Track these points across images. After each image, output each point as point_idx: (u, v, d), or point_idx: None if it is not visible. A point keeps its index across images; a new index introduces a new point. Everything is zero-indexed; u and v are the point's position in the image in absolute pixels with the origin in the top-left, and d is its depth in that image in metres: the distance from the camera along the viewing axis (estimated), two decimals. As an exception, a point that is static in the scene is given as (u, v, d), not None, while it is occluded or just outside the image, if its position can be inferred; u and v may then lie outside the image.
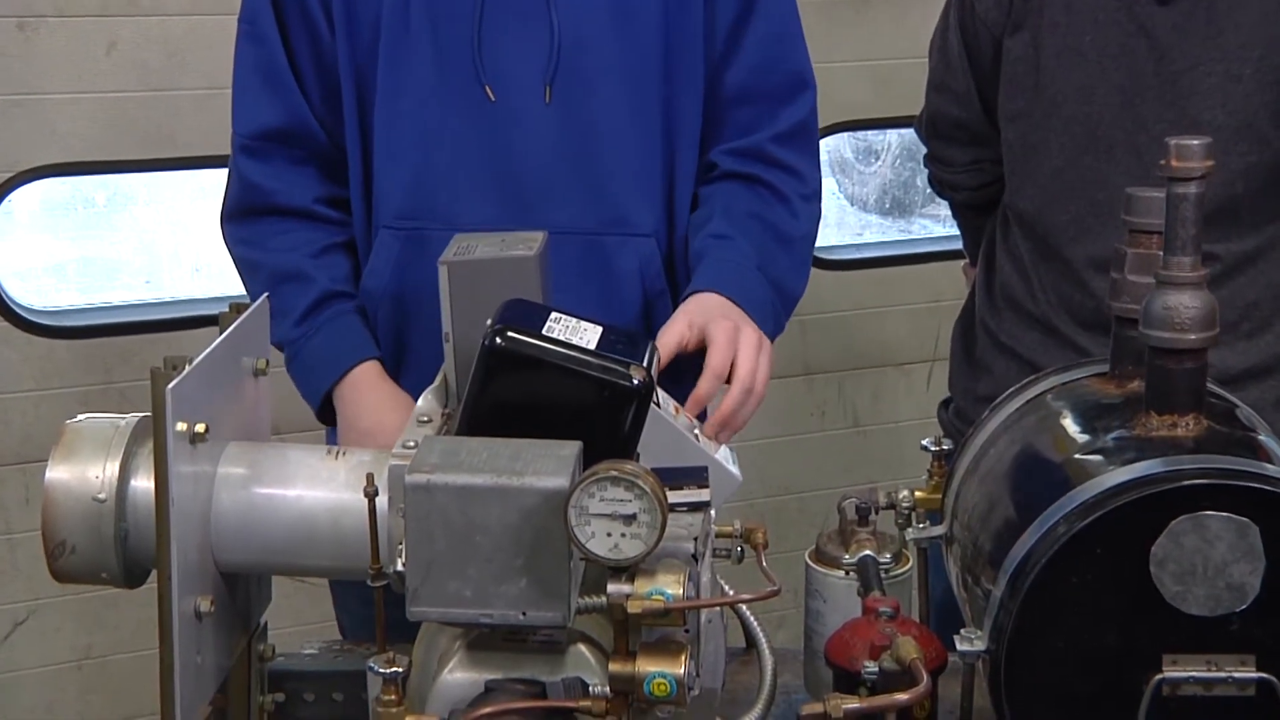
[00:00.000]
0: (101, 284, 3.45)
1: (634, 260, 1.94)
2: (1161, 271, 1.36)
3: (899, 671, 1.36)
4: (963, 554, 1.52)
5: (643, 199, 1.94)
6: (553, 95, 1.88)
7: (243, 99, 1.99)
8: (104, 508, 1.41)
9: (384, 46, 1.90)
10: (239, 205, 2.01)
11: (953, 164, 2.31)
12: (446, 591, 1.28)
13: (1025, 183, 2.12)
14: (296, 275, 1.95)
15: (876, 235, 4.05)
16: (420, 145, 1.90)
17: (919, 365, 3.69)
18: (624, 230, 1.93)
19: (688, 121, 1.97)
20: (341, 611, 2.15)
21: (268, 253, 1.98)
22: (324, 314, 1.95)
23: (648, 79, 1.92)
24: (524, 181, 1.90)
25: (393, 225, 1.92)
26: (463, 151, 1.90)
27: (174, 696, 1.34)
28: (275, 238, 1.97)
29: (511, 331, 1.42)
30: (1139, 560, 1.28)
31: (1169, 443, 1.35)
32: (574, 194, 1.91)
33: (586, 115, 1.90)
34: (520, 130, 1.89)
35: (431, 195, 1.91)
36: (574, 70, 1.89)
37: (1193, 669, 1.29)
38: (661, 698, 1.28)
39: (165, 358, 1.35)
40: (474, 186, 1.90)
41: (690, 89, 1.96)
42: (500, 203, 1.90)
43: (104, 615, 3.13)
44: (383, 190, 1.93)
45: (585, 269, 1.91)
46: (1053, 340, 2.10)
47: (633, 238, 1.94)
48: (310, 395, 1.96)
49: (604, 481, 1.25)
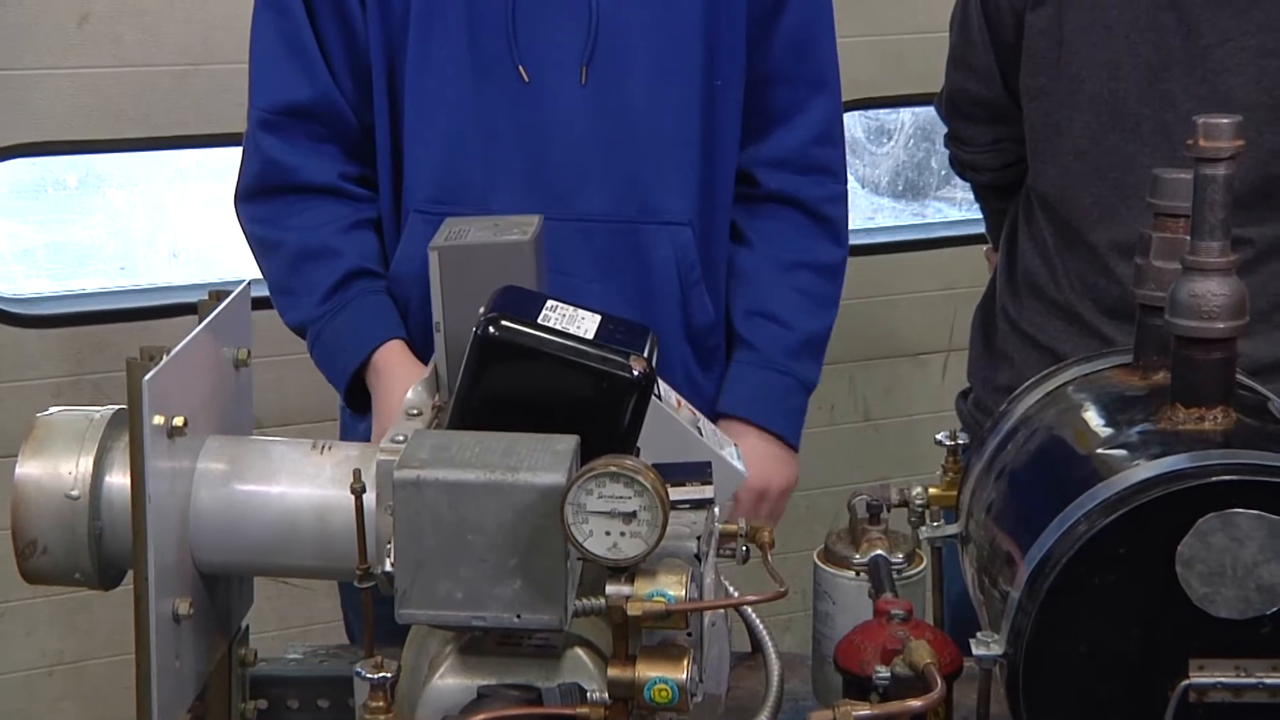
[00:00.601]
0: (73, 270, 3.44)
1: (669, 249, 1.95)
2: (1188, 257, 1.36)
3: (912, 677, 1.36)
4: (979, 554, 1.52)
5: (679, 185, 1.96)
6: (589, 77, 1.88)
7: (263, 71, 1.97)
8: (77, 505, 1.41)
9: (414, 22, 1.90)
10: (258, 184, 1.99)
11: (973, 144, 2.31)
12: (437, 593, 1.28)
13: (1048, 164, 2.12)
14: (321, 252, 1.93)
15: (889, 219, 4.05)
16: (451, 126, 1.91)
17: (934, 356, 3.69)
18: (660, 218, 1.95)
19: (728, 105, 1.99)
20: (349, 608, 2.15)
21: (289, 230, 1.96)
22: (351, 291, 1.93)
23: (688, 61, 1.94)
24: (557, 166, 1.91)
25: (424, 209, 1.93)
26: (494, 134, 1.90)
27: (151, 704, 1.35)
28: (298, 215, 1.96)
29: (505, 320, 1.42)
30: (1164, 560, 1.28)
31: (1196, 437, 1.35)
32: (609, 180, 1.92)
33: (623, 98, 1.91)
34: (554, 113, 1.90)
35: (463, 178, 1.91)
36: (612, 51, 1.89)
37: (1221, 674, 1.29)
38: (663, 704, 1.28)
39: (141, 347, 1.35)
40: (505, 170, 1.91)
41: (732, 70, 1.98)
42: (532, 187, 1.91)
43: (77, 618, 3.13)
44: (413, 173, 1.94)
45: (619, 258, 1.92)
46: (1076, 329, 2.10)
47: (668, 226, 1.95)
48: (336, 377, 1.92)
49: (602, 478, 1.25)
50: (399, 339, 1.89)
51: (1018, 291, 2.20)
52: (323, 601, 3.18)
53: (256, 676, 1.61)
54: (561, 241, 1.88)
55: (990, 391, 2.20)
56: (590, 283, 1.86)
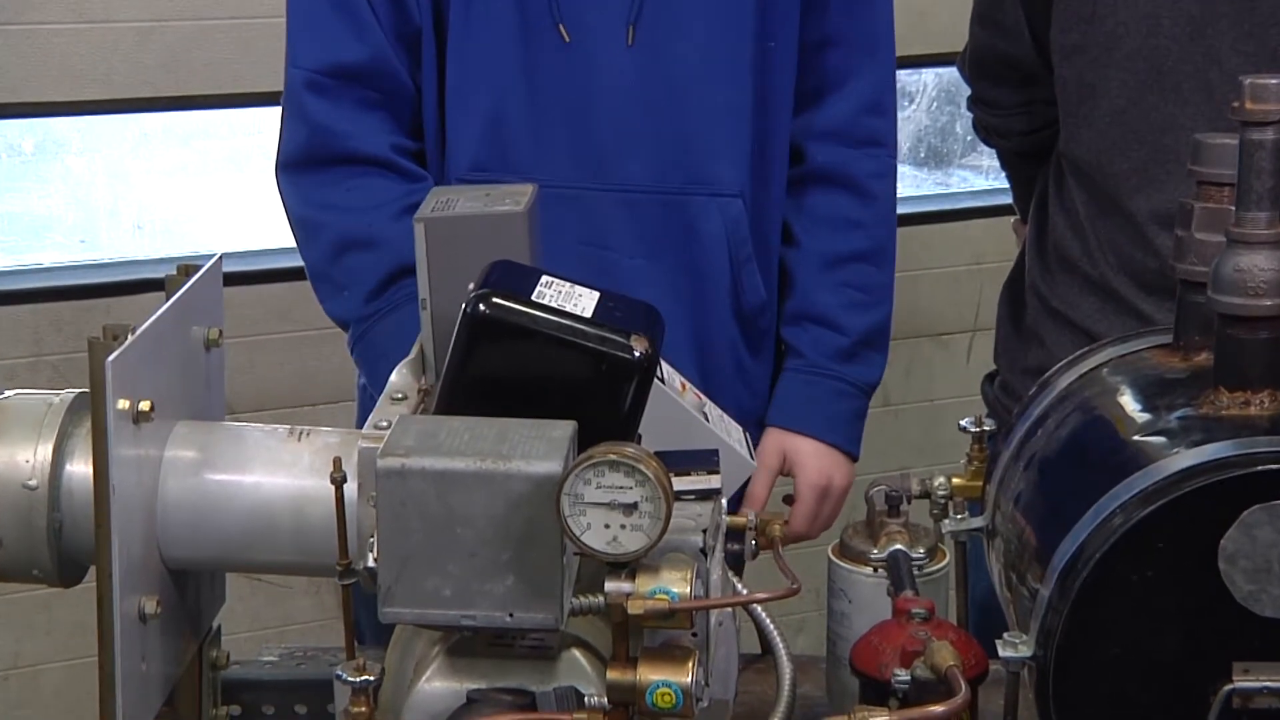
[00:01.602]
0: (30, 243, 3.45)
1: (719, 222, 1.96)
2: (1233, 229, 1.36)
3: (934, 681, 1.37)
4: (1006, 549, 1.52)
5: (730, 155, 1.97)
6: (635, 38, 1.88)
7: (308, 28, 1.95)
8: (35, 496, 1.42)
9: None
10: (304, 152, 1.97)
11: (1000, 107, 2.31)
12: (424, 590, 1.28)
13: (1082, 127, 2.12)
14: (369, 241, 1.92)
15: (910, 189, 4.05)
16: (492, 91, 1.91)
17: (958, 336, 3.69)
18: (709, 189, 1.95)
19: (782, 71, 2.00)
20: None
21: (335, 211, 1.94)
22: (400, 291, 1.91)
23: (740, 22, 1.95)
24: (601, 133, 1.92)
25: (467, 178, 1.93)
26: (536, 99, 1.91)
27: (115, 710, 1.35)
28: (347, 192, 1.94)
29: (497, 297, 1.42)
30: (1206, 556, 1.28)
31: (1241, 422, 1.35)
32: (656, 148, 1.93)
33: (671, 61, 1.92)
34: (597, 76, 1.90)
35: (504, 146, 1.92)
36: (660, 11, 1.90)
37: (1267, 678, 1.29)
38: (666, 710, 1.29)
39: (104, 326, 1.35)
40: (547, 137, 1.91)
41: (785, 33, 1.99)
42: (574, 156, 1.91)
43: (35, 619, 3.14)
44: (454, 140, 1.94)
45: (666, 231, 1.92)
46: (1111, 306, 2.10)
47: (718, 198, 1.96)
48: (380, 385, 1.90)
49: (601, 466, 1.25)
50: None
51: (1048, 266, 2.20)
52: (300, 600, 3.19)
53: (229, 680, 1.61)
54: (602, 213, 1.89)
55: (1019, 374, 2.20)
56: (633, 258, 1.87)
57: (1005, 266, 2.40)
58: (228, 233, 3.36)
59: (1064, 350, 1.71)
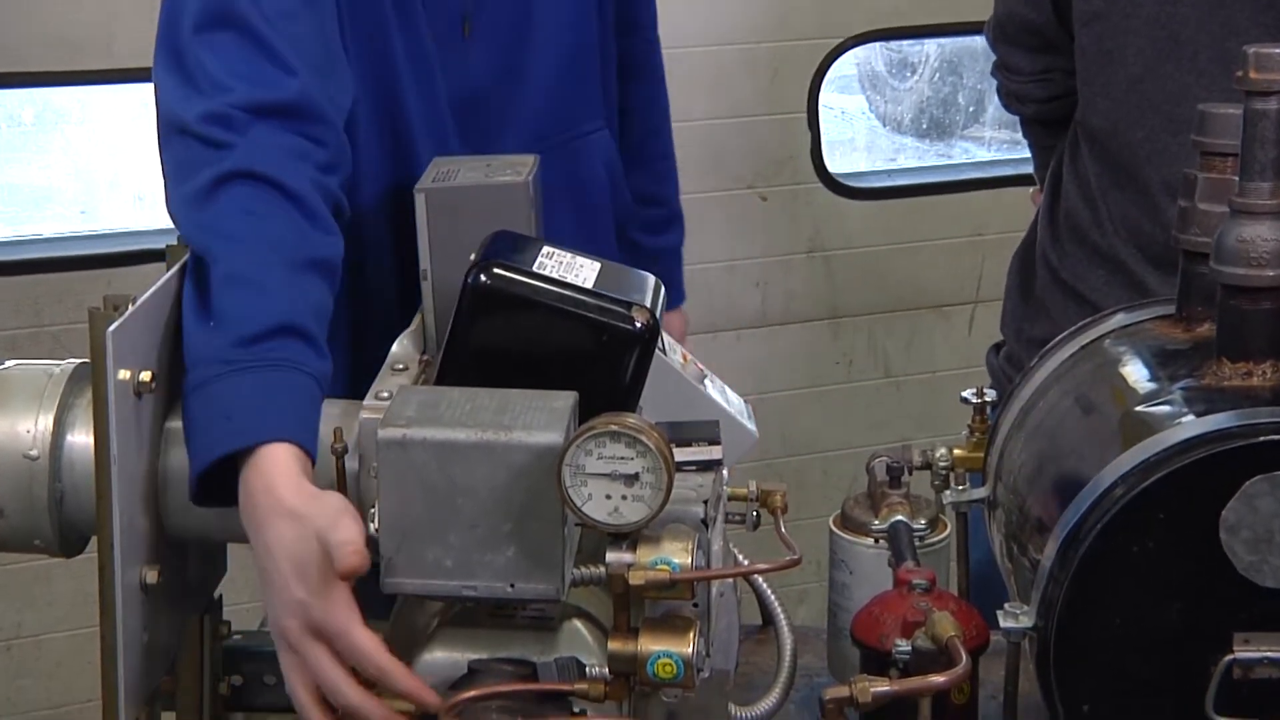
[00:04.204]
0: (30, 214, 3.45)
1: (598, 156, 2.01)
2: (1236, 199, 1.36)
3: (934, 651, 1.37)
4: (1007, 519, 1.53)
5: (590, 92, 2.03)
6: (471, 29, 1.89)
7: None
8: (36, 466, 1.42)
9: None
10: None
11: (1021, 73, 2.31)
12: (425, 561, 1.28)
13: (1098, 95, 2.11)
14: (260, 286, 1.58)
15: (912, 160, 4.05)
16: (390, 94, 1.89)
17: (959, 308, 3.69)
18: (583, 130, 1.99)
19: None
20: None
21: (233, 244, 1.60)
22: (274, 350, 1.52)
23: None
24: (476, 112, 1.91)
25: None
26: (422, 95, 1.90)
27: (117, 680, 1.35)
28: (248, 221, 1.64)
29: (498, 268, 1.42)
30: (1208, 526, 1.28)
31: (1243, 393, 1.35)
32: (531, 111, 1.94)
33: (517, 32, 1.92)
34: (454, 68, 1.90)
35: (409, 147, 1.90)
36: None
37: (1268, 649, 1.30)
38: (667, 680, 1.29)
39: (105, 297, 1.35)
40: (434, 129, 1.90)
41: None
42: (463, 139, 1.91)
43: (35, 589, 3.14)
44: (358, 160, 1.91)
45: (558, 180, 1.93)
46: (1119, 279, 2.10)
47: (589, 135, 2.00)
48: (201, 450, 1.43)
49: (602, 437, 1.25)
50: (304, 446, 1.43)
51: (1059, 236, 2.19)
52: (301, 571, 3.19)
53: (231, 650, 1.61)
54: None
55: (1024, 344, 2.20)
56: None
57: (1007, 238, 2.40)
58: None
59: (1069, 322, 1.70)
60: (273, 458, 1.37)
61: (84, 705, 3.11)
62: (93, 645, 1.38)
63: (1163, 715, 1.32)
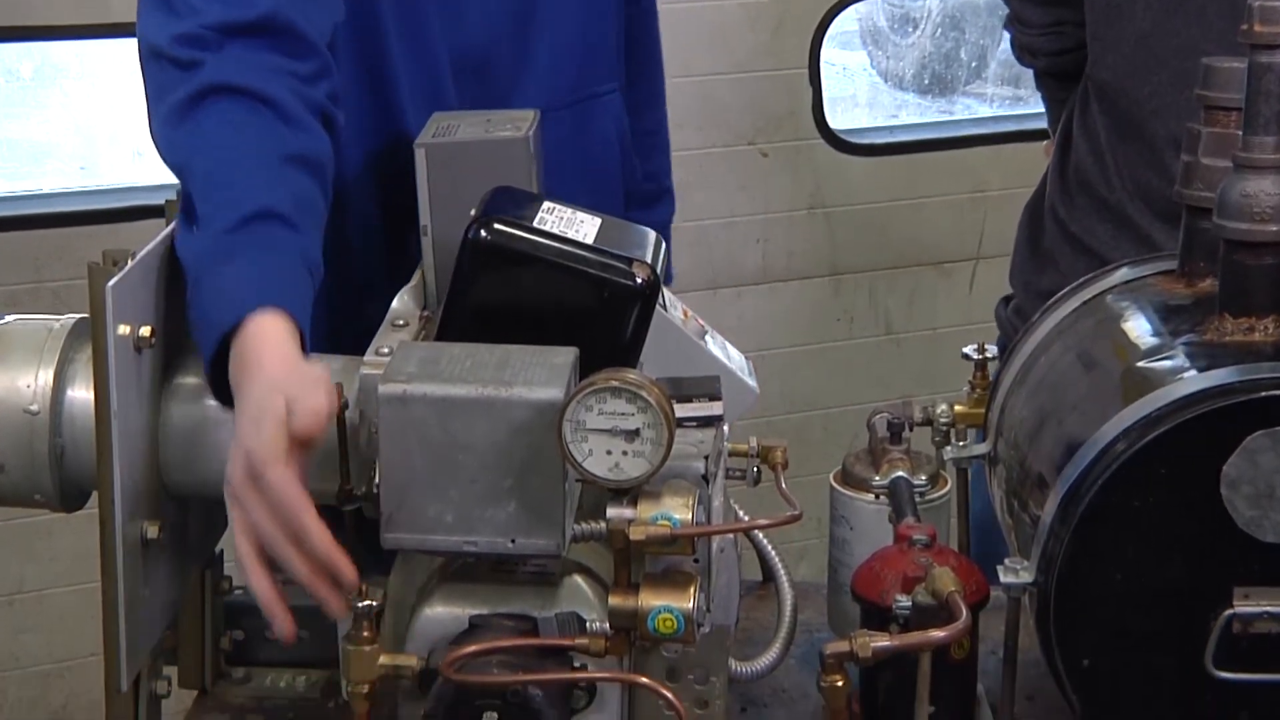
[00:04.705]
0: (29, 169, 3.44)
1: (609, 120, 1.98)
2: (1240, 154, 1.35)
3: (935, 606, 1.37)
4: (1008, 475, 1.53)
5: (605, 53, 1.99)
6: None
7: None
8: (37, 421, 1.42)
9: None
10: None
11: (1032, 25, 2.30)
12: (426, 516, 1.28)
13: (1107, 50, 2.11)
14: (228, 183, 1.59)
15: (914, 116, 4.03)
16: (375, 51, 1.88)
17: (961, 264, 3.68)
18: (595, 92, 1.97)
19: None
20: None
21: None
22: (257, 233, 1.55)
23: None
24: (496, 67, 1.90)
25: None
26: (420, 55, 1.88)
27: (118, 634, 1.36)
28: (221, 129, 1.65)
29: (498, 223, 1.42)
30: (1209, 482, 1.29)
31: (1245, 348, 1.35)
32: (544, 68, 1.92)
33: None
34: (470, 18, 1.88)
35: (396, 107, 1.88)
36: None
37: (1268, 603, 1.30)
38: (667, 635, 1.29)
39: (104, 252, 1.35)
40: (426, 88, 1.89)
41: None
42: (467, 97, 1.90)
43: (37, 544, 3.15)
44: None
45: (569, 142, 1.92)
46: (1126, 233, 2.10)
47: (603, 98, 1.98)
48: (204, 343, 1.46)
49: (603, 393, 1.25)
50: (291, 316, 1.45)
51: (1068, 189, 2.19)
52: (302, 527, 3.19)
53: (232, 605, 1.62)
54: None
55: (1032, 296, 2.20)
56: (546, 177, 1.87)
57: (1009, 195, 2.40)
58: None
59: (1077, 275, 1.70)
60: (258, 327, 1.38)
61: (86, 660, 3.12)
62: (95, 600, 1.38)
63: (1162, 670, 1.32)
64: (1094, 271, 1.64)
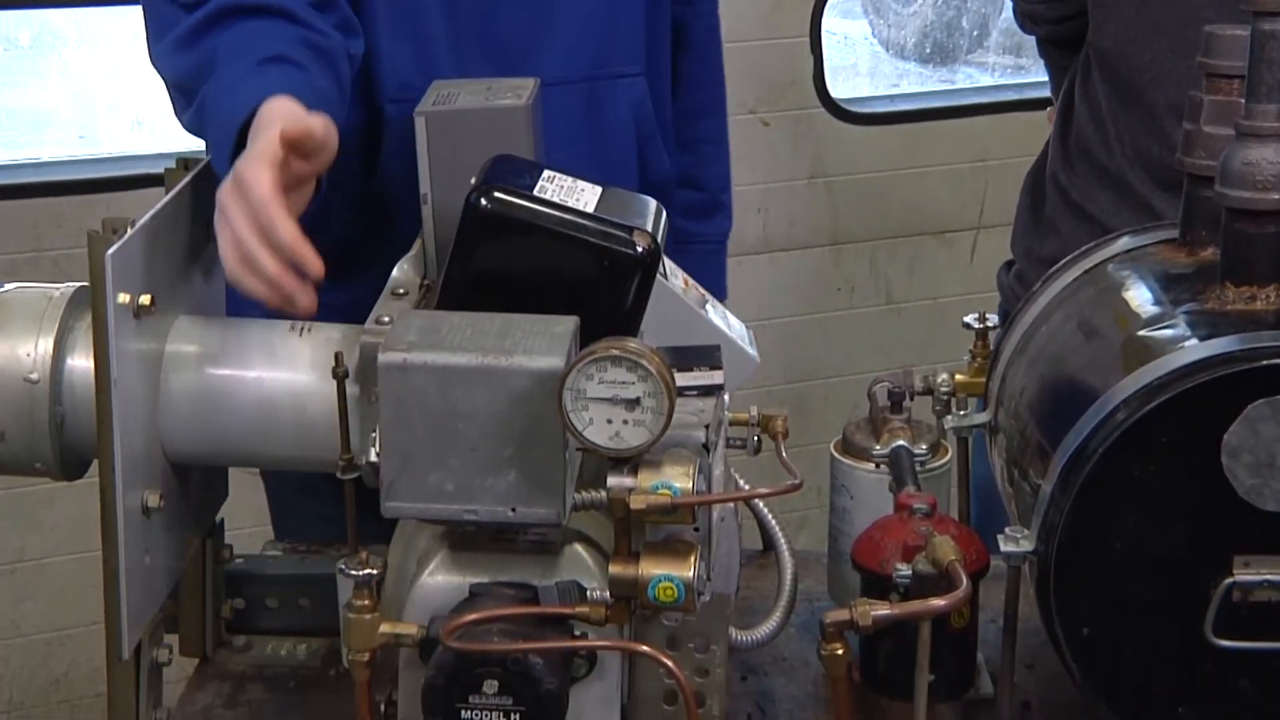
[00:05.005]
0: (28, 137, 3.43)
1: (625, 104, 1.96)
2: (1242, 121, 1.35)
3: (935, 575, 1.38)
4: (1009, 444, 1.53)
5: (629, 35, 1.96)
6: None
7: None
8: (37, 389, 1.42)
9: None
10: None
11: None
12: (426, 485, 1.28)
13: (1108, 17, 2.11)
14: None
15: (914, 85, 4.03)
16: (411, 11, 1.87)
17: (962, 234, 3.68)
18: (614, 72, 1.95)
19: None
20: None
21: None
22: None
23: None
24: (508, 36, 1.89)
25: (397, 98, 1.89)
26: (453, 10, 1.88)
27: (119, 603, 1.36)
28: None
29: (498, 192, 1.41)
30: (1209, 450, 1.28)
31: (1246, 317, 1.35)
32: (564, 38, 1.91)
33: None
34: None
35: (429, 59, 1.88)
36: None
37: (1268, 572, 1.30)
38: (668, 604, 1.29)
39: (104, 220, 1.35)
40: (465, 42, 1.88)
41: None
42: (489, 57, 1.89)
43: (38, 513, 3.15)
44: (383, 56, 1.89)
45: (578, 119, 1.91)
46: (1127, 202, 2.10)
47: (623, 79, 1.96)
48: (221, 136, 1.51)
49: (604, 361, 1.25)
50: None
51: (1069, 157, 2.19)
52: (303, 496, 3.20)
53: (233, 574, 1.62)
54: None
55: (1034, 263, 2.20)
56: (551, 150, 1.86)
57: (1011, 164, 2.39)
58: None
59: (1079, 242, 1.70)
60: (272, 102, 1.45)
61: (87, 629, 3.13)
62: (95, 569, 1.38)
63: (1162, 638, 1.32)
64: (1095, 239, 1.64)
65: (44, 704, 3.24)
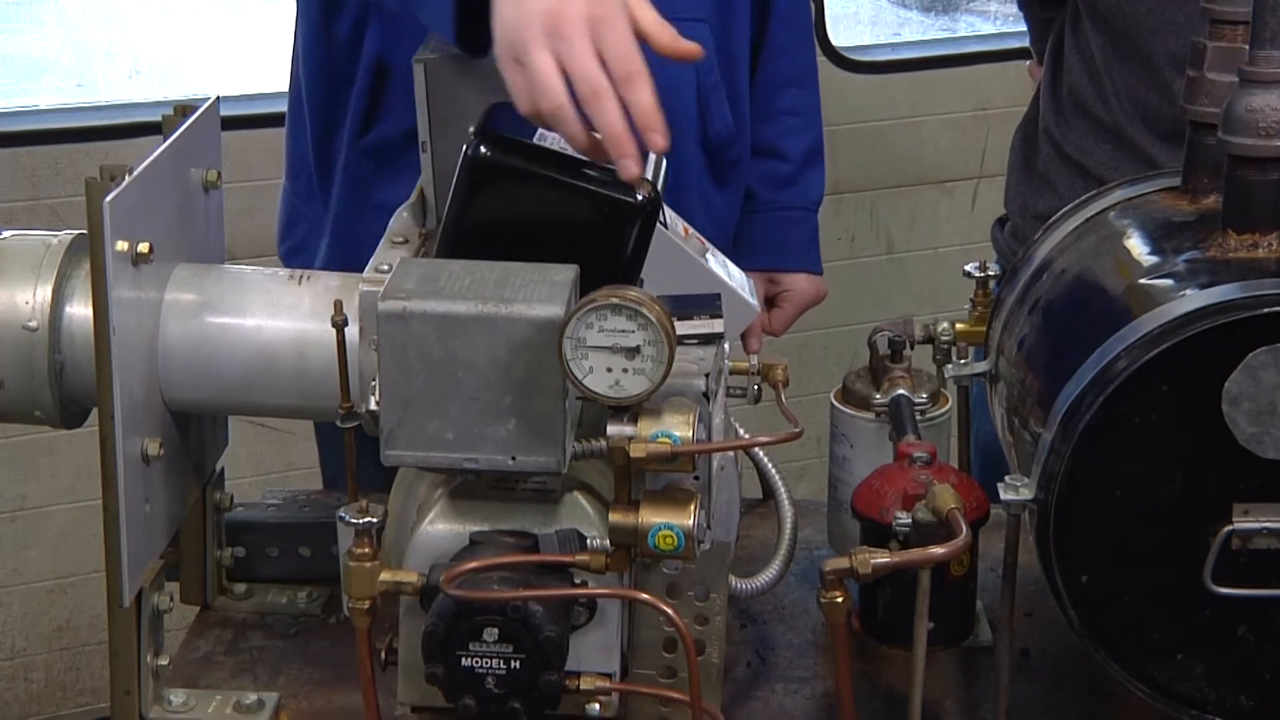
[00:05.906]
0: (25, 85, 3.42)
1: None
2: (1246, 68, 1.34)
3: (935, 523, 1.38)
4: (1009, 393, 1.52)
5: None
6: None
7: None
8: (35, 337, 1.41)
9: None
10: None
11: None
12: (426, 433, 1.28)
13: None
14: None
15: (915, 33, 4.00)
16: None
17: (963, 183, 3.67)
18: (675, 14, 1.94)
19: None
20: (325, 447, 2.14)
21: None
22: None
23: None
24: None
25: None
26: None
27: (120, 550, 1.36)
28: None
29: (498, 139, 1.41)
30: (1210, 398, 1.28)
31: (1248, 265, 1.34)
32: None
33: None
34: None
35: None
36: None
37: (1267, 519, 1.30)
38: (667, 552, 1.29)
39: (101, 167, 1.34)
40: None
41: None
42: None
43: (39, 461, 3.16)
44: None
45: None
46: (1125, 153, 2.09)
47: (683, 22, 1.94)
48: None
49: (603, 310, 1.25)
50: None
51: (1062, 110, 2.18)
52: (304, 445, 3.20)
53: (233, 522, 1.63)
54: None
55: (1029, 219, 2.19)
56: None
57: (1012, 112, 2.38)
58: (226, 76, 3.33)
59: (1075, 196, 1.69)
60: None
61: (89, 576, 3.14)
62: (96, 517, 1.38)
63: (1162, 586, 1.33)
64: (1090, 192, 1.63)
65: (46, 651, 3.26)
